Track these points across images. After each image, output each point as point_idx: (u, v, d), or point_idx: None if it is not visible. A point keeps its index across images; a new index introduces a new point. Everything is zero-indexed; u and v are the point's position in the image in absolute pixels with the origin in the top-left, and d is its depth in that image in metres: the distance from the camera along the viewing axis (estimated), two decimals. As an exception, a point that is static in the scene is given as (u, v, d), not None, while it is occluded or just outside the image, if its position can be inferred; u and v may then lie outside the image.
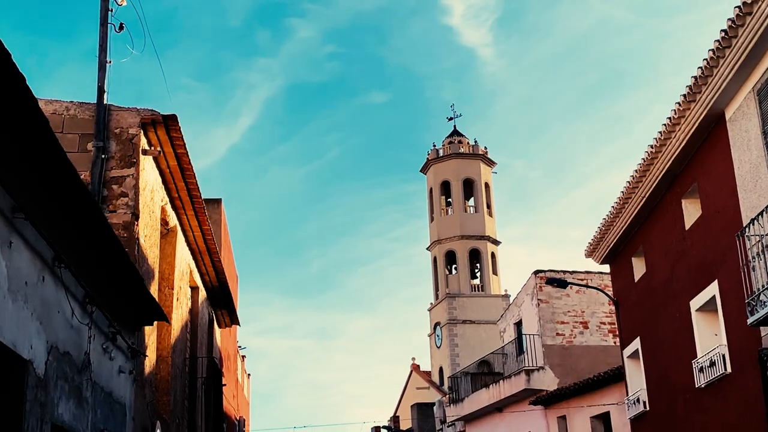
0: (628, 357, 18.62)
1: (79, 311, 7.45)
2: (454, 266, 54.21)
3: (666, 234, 15.50)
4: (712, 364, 13.54)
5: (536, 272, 26.67)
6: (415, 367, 55.52)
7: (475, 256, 54.01)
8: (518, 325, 28.20)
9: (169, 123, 10.51)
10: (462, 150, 55.49)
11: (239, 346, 26.05)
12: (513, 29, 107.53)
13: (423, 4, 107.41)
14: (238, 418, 24.24)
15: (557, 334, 26.11)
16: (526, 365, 25.93)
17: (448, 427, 33.45)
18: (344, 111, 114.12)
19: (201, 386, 15.55)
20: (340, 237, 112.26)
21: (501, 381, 27.01)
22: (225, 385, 19.69)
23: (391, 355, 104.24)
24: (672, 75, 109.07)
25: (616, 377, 21.01)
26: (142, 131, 10.38)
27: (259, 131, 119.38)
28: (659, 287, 16.10)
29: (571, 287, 26.42)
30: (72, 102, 10.38)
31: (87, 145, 10.18)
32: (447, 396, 35.80)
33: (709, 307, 13.86)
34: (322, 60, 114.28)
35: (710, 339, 13.97)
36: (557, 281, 19.40)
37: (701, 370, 14.02)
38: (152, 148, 10.68)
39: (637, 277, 17.66)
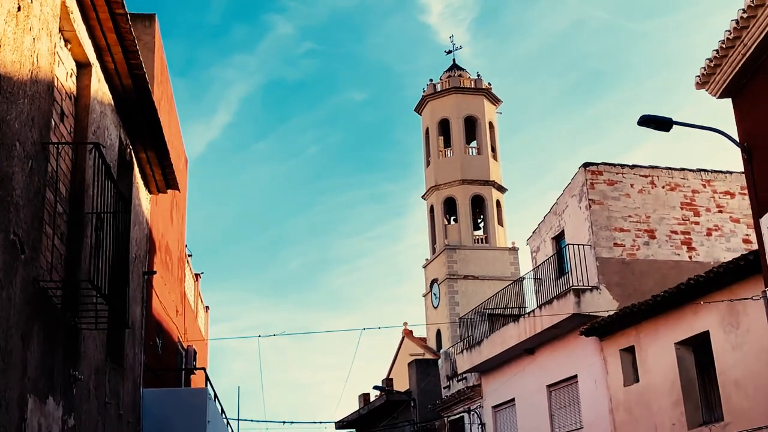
0: (770, 227, 12.22)
1: None
2: (453, 218, 47.62)
3: None
4: None
5: (585, 165, 20.26)
6: (408, 333, 48.90)
7: (478, 204, 47.31)
8: (558, 239, 21.75)
9: None
10: (463, 85, 48.78)
11: (189, 254, 19.37)
12: (490, 29, 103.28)
13: (400, 1, 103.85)
14: (186, 345, 17.67)
15: (615, 244, 19.70)
16: (574, 284, 19.52)
17: (458, 381, 26.98)
18: (322, 109, 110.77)
19: (94, 227, 8.91)
20: (319, 236, 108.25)
21: (538, 309, 20.55)
22: (155, 272, 13.14)
23: (370, 354, 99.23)
24: (649, 77, 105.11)
25: (722, 278, 14.65)
26: None
27: (237, 128, 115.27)
28: None
29: (632, 185, 20.10)
30: None
31: None
32: (455, 345, 29.39)
33: None
34: (300, 57, 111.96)
35: None
36: (655, 120, 12.84)
37: None
38: None
39: (799, 91, 11.28)
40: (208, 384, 14.21)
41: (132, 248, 11.46)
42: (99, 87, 9.63)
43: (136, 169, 12.08)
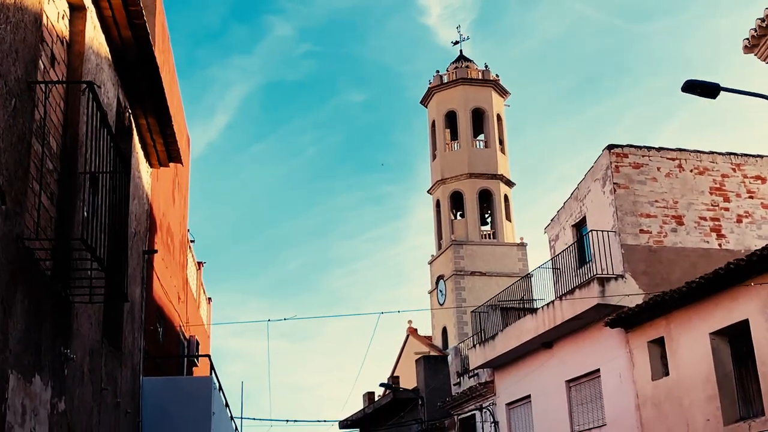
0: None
1: None
2: (460, 213, 46.55)
3: None
4: None
5: (610, 147, 19.24)
6: (412, 331, 47.82)
7: (485, 198, 46.22)
8: (579, 226, 20.71)
9: None
10: (471, 76, 47.66)
11: (191, 240, 18.35)
12: (489, 30, 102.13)
13: (400, 3, 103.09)
14: (188, 335, 16.65)
15: (641, 231, 18.67)
16: (597, 273, 18.48)
17: (469, 378, 25.95)
18: (322, 110, 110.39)
19: (87, 185, 7.90)
20: (318, 237, 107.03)
21: (558, 300, 19.53)
22: (156, 251, 12.12)
23: (372, 356, 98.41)
24: (648, 78, 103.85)
25: (765, 261, 13.63)
26: None
27: (236, 129, 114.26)
28: None
29: (659, 169, 19.08)
30: None
31: None
32: (466, 341, 28.36)
33: None
34: (299, 58, 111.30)
35: None
36: (701, 86, 11.82)
37: None
38: None
39: None
40: (213, 373, 13.17)
41: (131, 222, 10.45)
42: (95, 36, 8.61)
43: (136, 137, 11.05)
